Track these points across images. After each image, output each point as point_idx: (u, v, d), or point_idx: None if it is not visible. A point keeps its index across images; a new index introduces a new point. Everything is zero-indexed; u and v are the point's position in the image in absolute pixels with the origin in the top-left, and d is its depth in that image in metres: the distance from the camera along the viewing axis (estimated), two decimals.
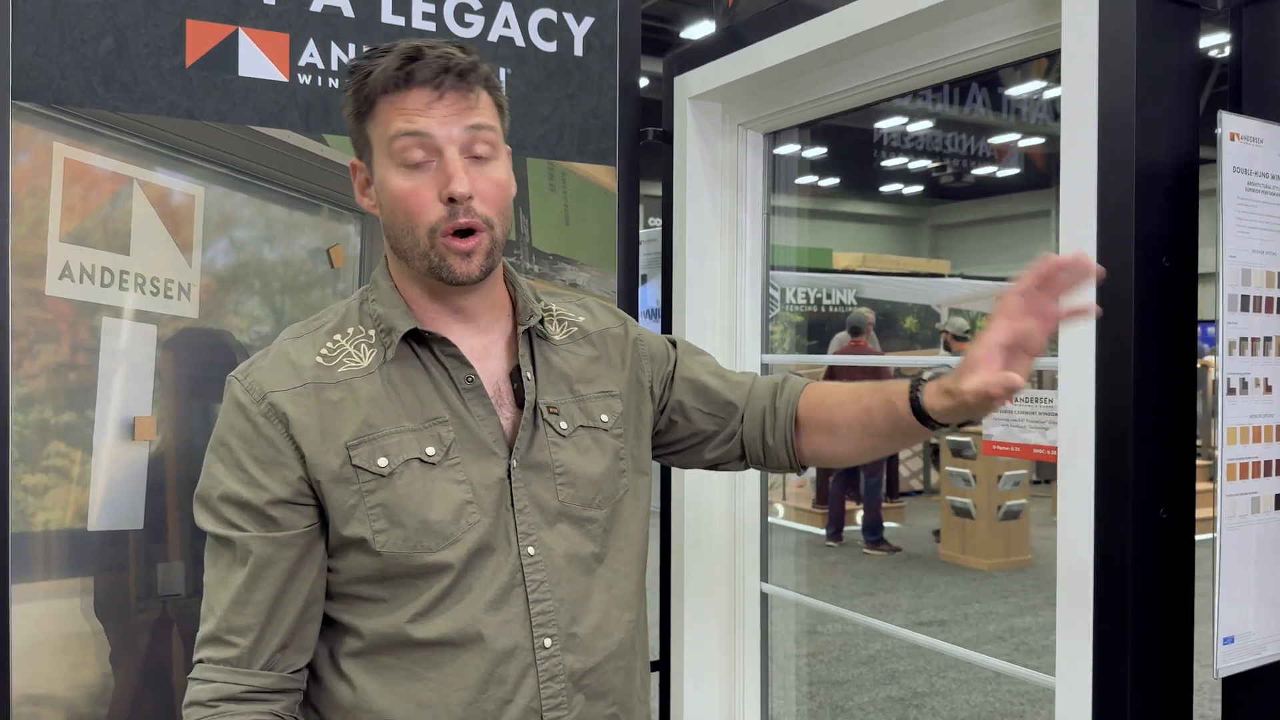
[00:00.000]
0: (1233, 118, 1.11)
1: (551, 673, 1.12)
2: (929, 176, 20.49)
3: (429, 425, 1.12)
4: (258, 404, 1.10)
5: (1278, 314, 1.14)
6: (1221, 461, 1.10)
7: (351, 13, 1.74)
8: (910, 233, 22.44)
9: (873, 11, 1.53)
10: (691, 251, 1.95)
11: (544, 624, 1.12)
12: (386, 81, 1.08)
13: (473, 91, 1.10)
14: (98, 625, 1.57)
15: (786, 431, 1.32)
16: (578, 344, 1.27)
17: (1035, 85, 14.14)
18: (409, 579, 1.09)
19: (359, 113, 1.12)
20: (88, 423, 1.55)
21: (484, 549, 1.11)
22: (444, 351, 1.15)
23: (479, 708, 1.09)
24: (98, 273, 1.56)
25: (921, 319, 9.52)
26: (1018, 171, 19.32)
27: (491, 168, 1.12)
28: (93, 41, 1.55)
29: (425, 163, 1.09)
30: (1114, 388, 1.21)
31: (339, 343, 1.15)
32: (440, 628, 1.09)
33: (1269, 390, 1.14)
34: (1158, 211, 1.20)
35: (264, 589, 1.08)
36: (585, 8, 1.95)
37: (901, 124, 15.52)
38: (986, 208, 21.37)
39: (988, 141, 16.86)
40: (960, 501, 7.03)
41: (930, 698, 4.46)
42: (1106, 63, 1.21)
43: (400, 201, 1.09)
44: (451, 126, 1.08)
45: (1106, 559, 1.22)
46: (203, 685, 1.08)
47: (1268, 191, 1.13)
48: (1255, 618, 1.12)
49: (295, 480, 1.09)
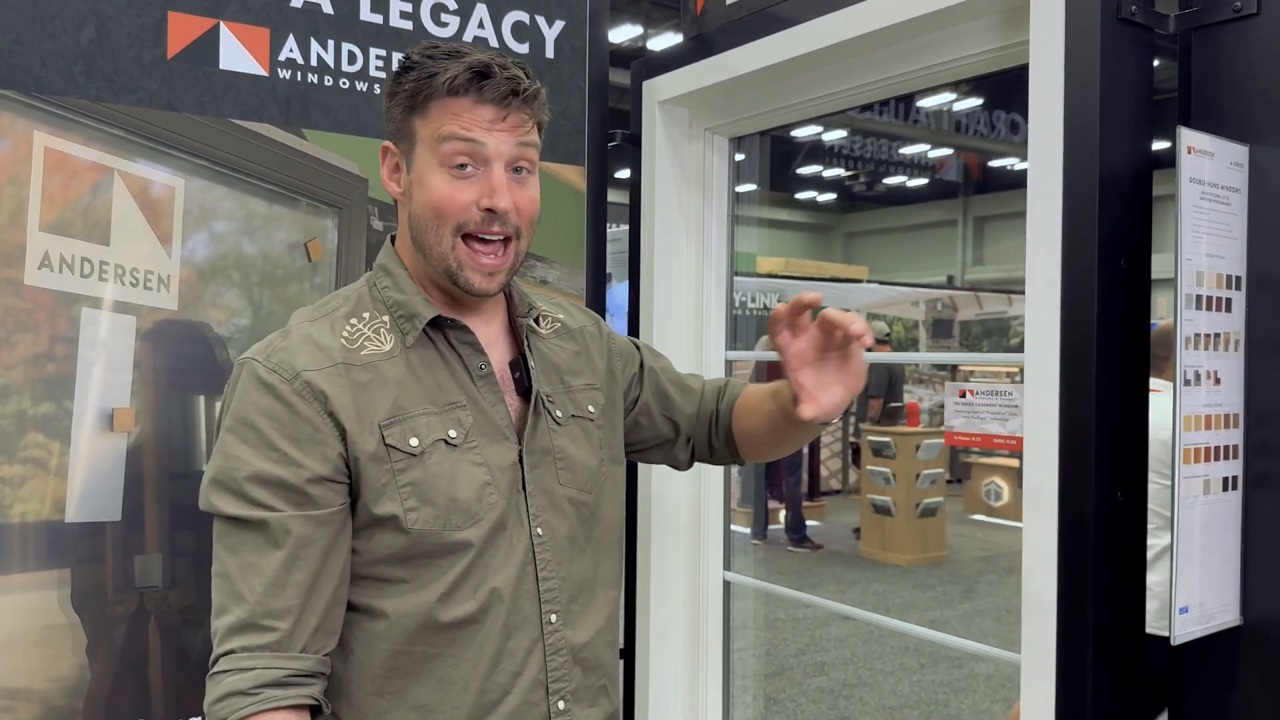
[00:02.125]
0: (1189, 132, 1.21)
1: (556, 646, 1.19)
2: (842, 185, 20.91)
3: (449, 409, 1.16)
4: (289, 382, 1.10)
5: (1226, 313, 1.25)
6: (1178, 447, 1.20)
7: (331, 10, 1.76)
8: (824, 240, 22.88)
9: (845, 25, 1.60)
10: (659, 251, 2.01)
11: (550, 600, 1.19)
12: (455, 88, 1.11)
13: (529, 113, 1.16)
14: (75, 618, 1.55)
15: (728, 432, 1.44)
16: (562, 339, 1.34)
17: (946, 97, 14.58)
18: (431, 558, 1.12)
19: (410, 106, 1.15)
20: (66, 414, 1.54)
21: (500, 528, 1.16)
22: (460, 339, 1.19)
23: (494, 680, 1.14)
24: (77, 263, 1.55)
25: None
26: (926, 182, 19.82)
27: (530, 184, 1.18)
28: (74, 31, 1.54)
29: (470, 170, 1.13)
30: (1077, 381, 1.31)
31: (357, 327, 1.18)
32: (464, 607, 1.13)
33: (1218, 382, 1.24)
34: (1117, 217, 1.30)
35: (302, 569, 1.07)
36: (556, 11, 2.00)
37: (817, 133, 15.82)
38: (896, 216, 21.90)
39: (900, 151, 17.28)
40: (880, 500, 7.23)
41: (858, 688, 4.59)
42: (1072, 77, 1.30)
43: (437, 199, 1.13)
44: (504, 142, 1.13)
45: (1069, 540, 1.32)
46: (240, 674, 1.05)
47: (1217, 200, 1.24)
48: (1205, 589, 1.23)
49: (335, 457, 1.10)
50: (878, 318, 9.47)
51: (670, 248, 2.03)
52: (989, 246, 21.29)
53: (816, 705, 4.39)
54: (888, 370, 8.26)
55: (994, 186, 20.39)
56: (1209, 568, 1.22)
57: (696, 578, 2.07)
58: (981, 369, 7.17)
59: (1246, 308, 1.28)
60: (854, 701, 4.44)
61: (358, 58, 1.78)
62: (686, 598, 2.08)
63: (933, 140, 16.79)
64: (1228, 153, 1.25)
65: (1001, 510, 8.72)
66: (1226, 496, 1.25)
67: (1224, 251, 1.25)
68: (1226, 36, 1.30)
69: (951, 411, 1.61)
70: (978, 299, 10.95)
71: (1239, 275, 1.27)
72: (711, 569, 2.06)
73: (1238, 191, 1.26)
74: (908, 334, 10.44)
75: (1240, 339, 1.28)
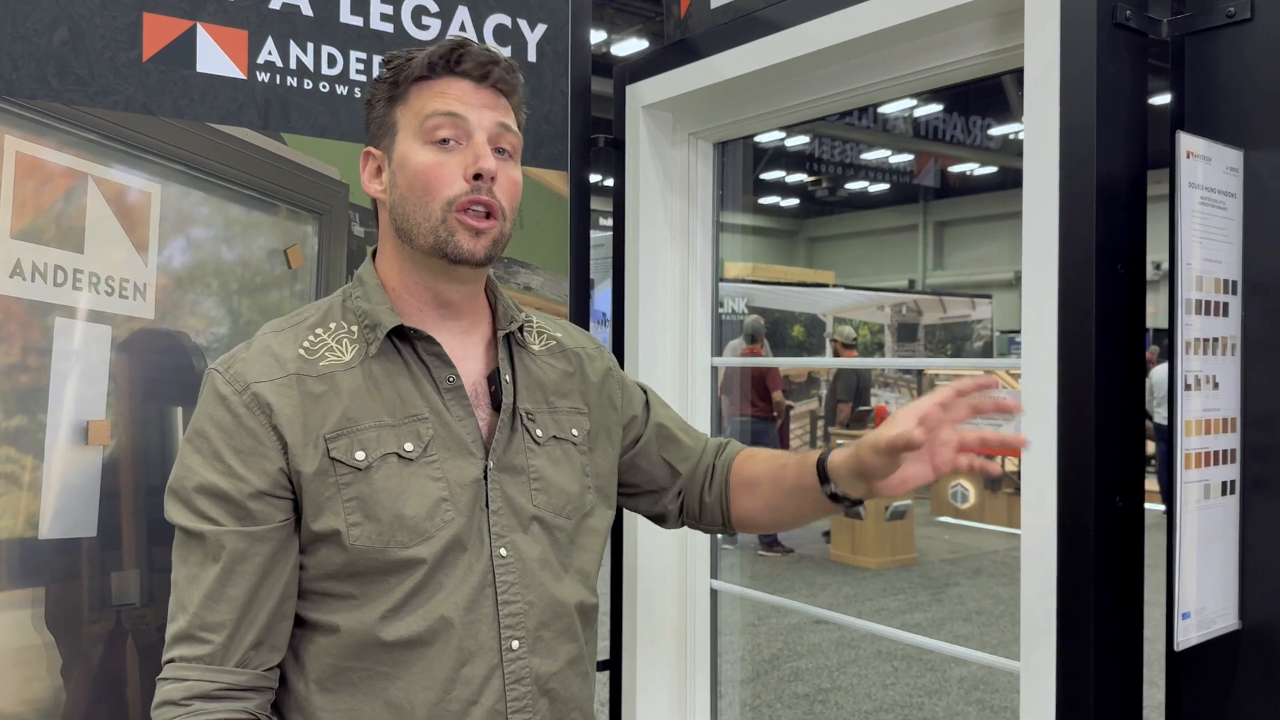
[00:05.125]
0: (1188, 137, 1.21)
1: (518, 675, 1.13)
2: (805, 190, 21.03)
3: (408, 421, 1.13)
4: (240, 394, 1.09)
5: (1224, 317, 1.25)
6: (1180, 452, 1.20)
7: (310, 11, 1.72)
8: (787, 244, 23.00)
9: (834, 29, 1.59)
10: (644, 257, 1.99)
11: (512, 625, 1.14)
12: (433, 65, 1.12)
13: (507, 97, 1.17)
14: (49, 637, 1.50)
15: (722, 489, 1.38)
16: (554, 357, 1.30)
17: (906, 103, 14.70)
18: (380, 575, 1.09)
19: (391, 96, 1.15)
20: (39, 427, 1.49)
21: (457, 547, 1.12)
22: (427, 350, 1.16)
23: (444, 708, 1.09)
24: (50, 271, 1.50)
25: (808, 327, 9.80)
26: (887, 187, 19.99)
27: (511, 167, 1.17)
28: (46, 32, 1.49)
29: (454, 143, 1.12)
30: (1075, 386, 1.30)
31: (321, 336, 1.16)
32: (410, 626, 1.09)
33: (1217, 387, 1.24)
34: (1114, 222, 1.30)
35: (238, 585, 1.07)
36: (538, 15, 1.97)
37: (780, 138, 15.88)
38: (858, 221, 22.07)
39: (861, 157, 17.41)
40: None
41: (834, 693, 4.60)
42: (1068, 82, 1.30)
43: (422, 174, 1.11)
44: (485, 116, 1.13)
45: (1069, 546, 1.31)
46: (175, 684, 1.06)
47: (1214, 205, 1.24)
48: (1208, 593, 1.22)
49: (275, 471, 1.08)
50: (844, 322, 9.52)
51: (655, 253, 2.01)
52: (949, 252, 21.52)
53: (793, 710, 4.39)
54: (856, 375, 8.30)
55: (954, 192, 20.60)
56: (1208, 573, 1.22)
57: (684, 586, 2.05)
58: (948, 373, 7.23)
59: (1242, 312, 1.28)
60: (830, 706, 4.44)
61: (338, 61, 1.75)
62: (674, 607, 2.05)
63: (894, 146, 16.93)
64: (1224, 157, 1.25)
65: (968, 512, 8.79)
66: (1225, 500, 1.25)
67: (1221, 256, 1.25)
68: (1220, 41, 1.30)
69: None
70: (942, 303, 11.05)
71: (1235, 280, 1.27)
72: (699, 577, 2.04)
73: (1234, 196, 1.27)
74: (874, 338, 10.52)
75: (1237, 343, 1.28)
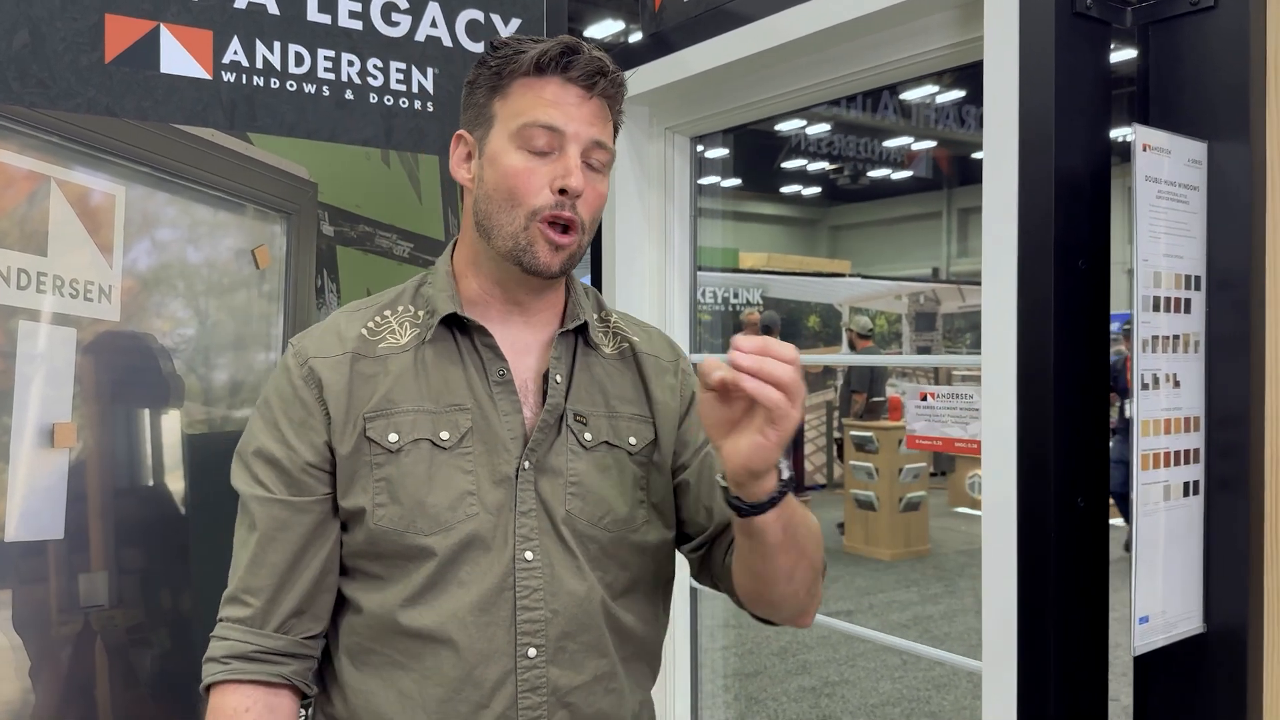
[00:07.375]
0: (1145, 130, 1.18)
1: (532, 684, 1.09)
2: (827, 178, 20.90)
3: (449, 410, 1.12)
4: (300, 367, 1.14)
5: (1184, 314, 1.22)
6: (1136, 452, 1.17)
7: (276, 10, 1.72)
8: (809, 233, 22.87)
9: (801, 22, 1.57)
10: (621, 252, 1.98)
11: (531, 633, 1.09)
12: (541, 66, 1.10)
13: (610, 108, 1.15)
14: (16, 640, 1.51)
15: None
16: (625, 361, 1.24)
17: (929, 89, 14.55)
18: (401, 559, 1.10)
19: (494, 86, 1.13)
20: (4, 430, 1.50)
21: (477, 544, 1.09)
22: (482, 341, 1.15)
23: (453, 707, 1.08)
24: (14, 275, 1.51)
25: (824, 318, 9.74)
26: (910, 174, 19.84)
27: (600, 180, 1.15)
28: (6, 35, 1.49)
29: (546, 152, 1.11)
30: (1035, 384, 1.28)
31: (387, 318, 1.18)
32: (424, 617, 1.09)
33: (1177, 385, 1.21)
34: (1074, 217, 1.27)
35: (278, 552, 1.10)
36: (512, 9, 1.96)
37: (800, 126, 15.79)
38: (881, 209, 21.90)
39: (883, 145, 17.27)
40: (863, 494, 7.22)
41: (841, 686, 4.57)
42: (1027, 74, 1.27)
43: (511, 178, 1.10)
44: (583, 130, 1.11)
45: (1029, 547, 1.29)
46: (219, 642, 1.11)
47: (1175, 199, 1.21)
48: (1168, 597, 1.20)
49: (320, 445, 1.12)
50: (861, 312, 9.45)
51: (632, 248, 2.00)
52: (974, 239, 21.31)
53: (799, 704, 4.37)
54: (870, 365, 8.24)
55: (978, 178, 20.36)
56: (1171, 575, 1.19)
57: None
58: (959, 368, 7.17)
59: (1207, 308, 1.25)
60: (836, 700, 4.42)
61: (305, 59, 1.74)
62: None
63: (916, 134, 16.77)
64: (1185, 150, 1.22)
65: None
66: (1188, 501, 1.22)
67: (1183, 251, 1.22)
68: (1184, 30, 1.26)
69: (913, 415, 1.58)
70: (960, 292, 10.94)
71: (1199, 275, 1.24)
72: (680, 575, 2.02)
73: (1196, 189, 1.23)
74: (891, 328, 10.44)
75: (1201, 340, 1.25)
